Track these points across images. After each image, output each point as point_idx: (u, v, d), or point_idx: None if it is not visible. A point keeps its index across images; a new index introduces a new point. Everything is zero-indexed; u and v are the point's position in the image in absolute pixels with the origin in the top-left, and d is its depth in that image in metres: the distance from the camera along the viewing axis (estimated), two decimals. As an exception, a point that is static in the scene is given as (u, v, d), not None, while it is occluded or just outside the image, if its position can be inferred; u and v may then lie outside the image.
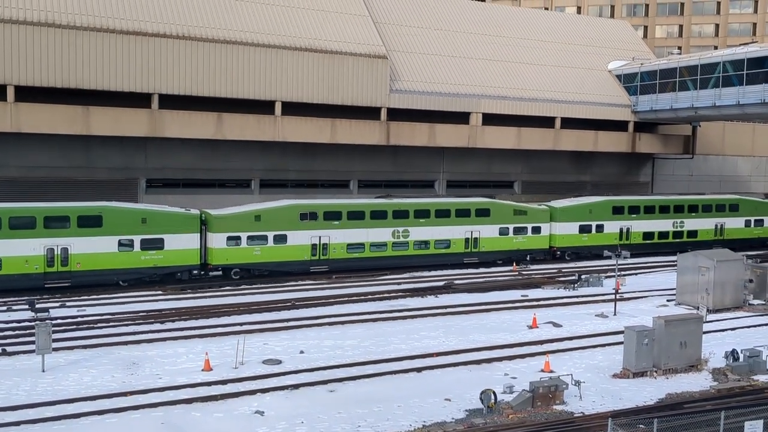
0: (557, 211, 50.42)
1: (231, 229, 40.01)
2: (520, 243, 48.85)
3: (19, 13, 39.32)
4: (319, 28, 48.85)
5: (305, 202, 42.50)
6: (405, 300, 37.49)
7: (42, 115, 39.69)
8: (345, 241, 43.11)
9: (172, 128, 43.18)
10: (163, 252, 38.50)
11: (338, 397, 22.72)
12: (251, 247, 40.53)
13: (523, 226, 48.88)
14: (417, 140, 51.21)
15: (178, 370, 24.86)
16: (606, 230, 52.05)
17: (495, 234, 47.92)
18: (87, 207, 37.31)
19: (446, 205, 46.39)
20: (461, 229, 46.63)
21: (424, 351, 28.02)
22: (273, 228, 41.07)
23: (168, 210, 39.12)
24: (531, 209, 49.49)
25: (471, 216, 47.04)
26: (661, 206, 54.51)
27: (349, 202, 44.10)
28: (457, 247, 46.63)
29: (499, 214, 48.10)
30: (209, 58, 43.79)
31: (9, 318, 31.58)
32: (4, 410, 20.74)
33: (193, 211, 39.89)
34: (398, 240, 44.62)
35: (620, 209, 52.76)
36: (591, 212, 51.34)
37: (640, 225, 53.44)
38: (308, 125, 47.16)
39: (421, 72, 52.74)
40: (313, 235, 42.16)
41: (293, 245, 41.63)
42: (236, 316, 32.90)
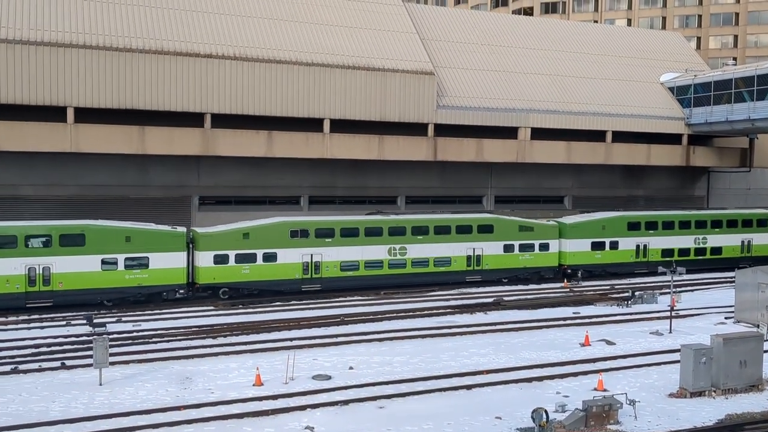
0: (567, 227, 48.25)
1: (218, 247, 39.17)
2: (527, 261, 46.93)
3: (78, 38, 40.81)
4: (366, 46, 49.36)
5: (296, 219, 41.54)
6: (453, 316, 37.25)
7: (99, 135, 40.98)
8: (338, 259, 41.81)
9: (224, 147, 44.05)
10: (148, 271, 37.77)
11: (388, 414, 22.65)
12: (239, 266, 39.61)
13: (529, 242, 46.89)
14: (464, 156, 51.05)
15: (229, 385, 25.18)
16: (621, 247, 49.53)
17: (499, 251, 46.09)
18: (69, 225, 36.81)
19: (446, 221, 44.84)
20: (462, 246, 44.98)
21: (473, 368, 27.75)
22: (262, 246, 40.07)
23: (153, 228, 38.44)
24: (538, 225, 47.49)
25: (473, 232, 45.30)
26: (681, 221, 51.71)
27: (342, 218, 42.93)
28: (458, 265, 44.99)
29: (504, 230, 46.24)
30: (260, 78, 44.63)
31: (68, 332, 32.51)
32: (63, 423, 21.31)
33: (179, 229, 39.16)
34: (395, 258, 43.09)
35: (636, 225, 50.18)
36: (604, 228, 48.91)
37: (659, 242, 50.71)
38: (356, 142, 47.53)
39: (468, 87, 52.68)
40: (305, 253, 41.00)
41: (284, 263, 40.54)
42: (286, 332, 33.19)
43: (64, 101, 40.22)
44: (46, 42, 39.85)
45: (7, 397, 23.50)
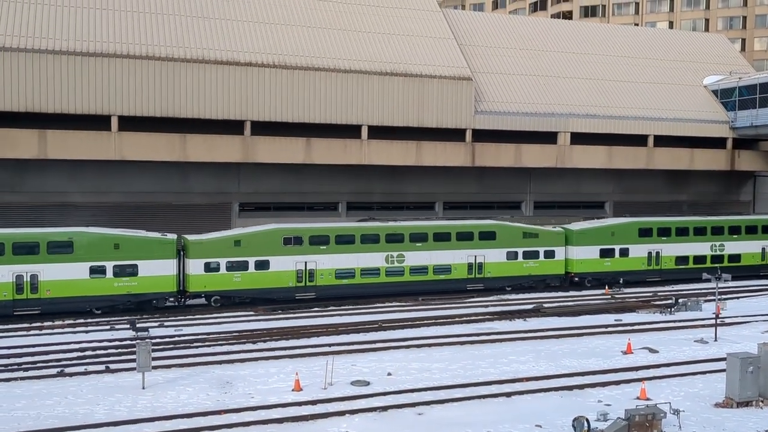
0: (574, 233, 46.66)
1: (208, 254, 38.55)
2: (531, 268, 45.46)
3: (122, 48, 41.77)
4: (404, 53, 49.47)
5: (289, 226, 40.70)
6: (492, 323, 36.98)
7: (143, 143, 41.85)
8: (333, 266, 40.82)
9: (264, 154, 44.58)
10: (137, 278, 37.31)
11: (426, 421, 22.57)
12: (231, 274, 38.94)
13: (534, 250, 45.43)
14: (503, 161, 50.76)
15: (269, 390, 25.38)
16: (632, 254, 47.75)
17: (502, 258, 44.72)
18: (57, 233, 36.44)
19: (446, 228, 43.63)
20: (463, 253, 43.71)
21: (513, 375, 27.48)
22: (254, 253, 39.30)
23: (142, 235, 38.00)
24: (543, 232, 45.95)
25: (474, 239, 43.99)
26: (696, 228, 49.79)
27: (336, 225, 42.12)
28: (459, 273, 43.77)
29: (507, 236, 44.86)
30: (299, 85, 45.07)
31: (112, 337, 33.19)
32: (108, 425, 21.73)
33: (169, 236, 38.53)
34: (392, 265, 41.97)
35: (648, 231, 48.34)
36: (613, 235, 47.18)
37: (672, 248, 48.87)
38: (394, 148, 47.63)
39: (506, 92, 52.40)
40: (299, 261, 40.12)
41: (276, 271, 39.73)
42: (324, 337, 33.35)
43: (109, 110, 41.19)
44: (92, 52, 40.88)
45: (54, 400, 24.07)
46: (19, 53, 39.35)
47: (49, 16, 41.99)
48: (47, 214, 43.15)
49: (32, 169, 42.95)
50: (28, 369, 27.55)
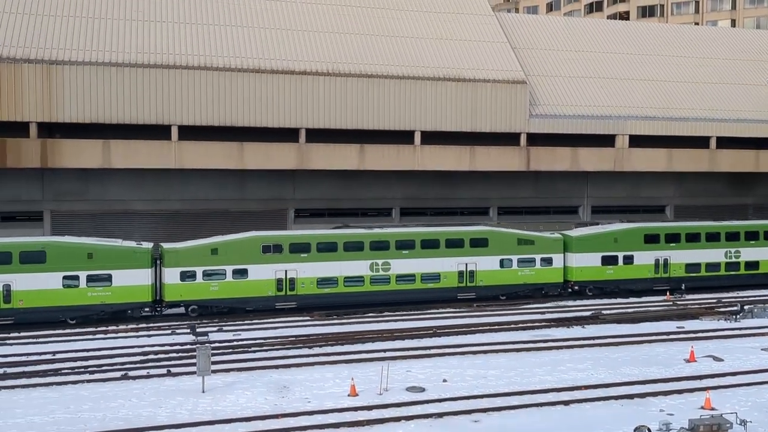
0: (573, 240, 44.47)
1: (185, 263, 37.75)
2: (527, 276, 43.52)
3: (180, 59, 42.90)
4: (457, 57, 49.33)
5: (268, 234, 39.71)
6: (549, 330, 36.44)
7: (201, 151, 42.84)
8: (315, 275, 39.62)
9: (318, 160, 45.07)
10: (111, 288, 36.71)
11: (483, 428, 22.38)
12: (208, 283, 38.06)
13: (530, 257, 43.47)
14: (558, 165, 50.04)
15: (325, 395, 25.59)
16: (637, 262, 45.32)
17: (495, 266, 42.86)
18: (29, 243, 36.06)
19: (434, 234, 42.00)
20: (453, 261, 42.02)
21: (571, 383, 27.02)
22: (232, 262, 38.33)
23: (116, 245, 37.47)
24: (540, 238, 43.89)
25: (465, 246, 42.23)
26: (708, 233, 47.11)
27: (318, 233, 40.94)
28: (449, 282, 42.09)
29: (500, 243, 42.95)
30: (353, 92, 45.43)
31: (173, 341, 33.99)
32: (170, 428, 22.27)
33: (144, 245, 38.01)
34: (377, 274, 40.56)
35: (654, 238, 45.87)
36: (617, 241, 44.86)
37: (682, 255, 46.31)
38: (447, 153, 47.50)
39: (562, 95, 51.68)
40: (278, 269, 39.07)
41: (255, 280, 38.73)
42: (380, 342, 33.43)
43: (169, 120, 42.31)
44: (153, 64, 42.10)
45: (118, 402, 24.79)
46: (84, 66, 40.82)
47: (112, 30, 43.45)
48: (110, 222, 44.58)
49: (96, 177, 44.44)
50: (94, 372, 28.46)
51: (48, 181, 43.89)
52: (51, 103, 40.40)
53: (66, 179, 43.98)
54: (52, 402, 24.72)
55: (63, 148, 40.73)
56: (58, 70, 40.42)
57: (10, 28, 41.61)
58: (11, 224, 43.41)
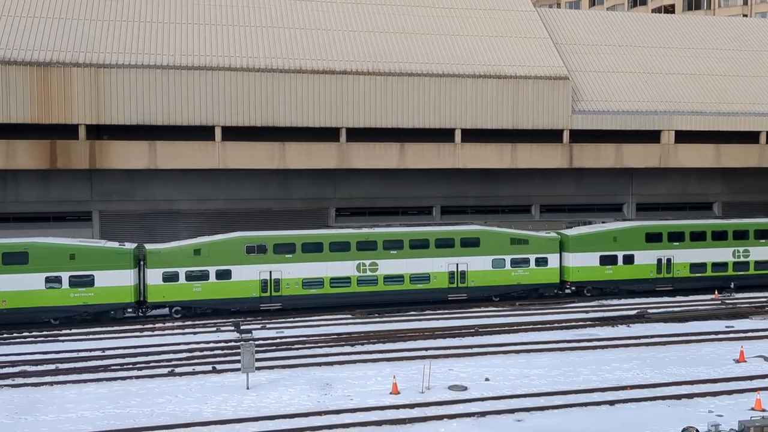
0: (570, 239, 43.33)
1: (167, 264, 37.77)
2: (520, 277, 42.56)
3: (223, 61, 43.54)
4: (498, 54, 49.00)
5: (253, 234, 39.45)
6: (594, 329, 35.98)
7: (245, 152, 43.41)
8: (300, 276, 39.36)
9: (359, 159, 45.26)
10: (94, 289, 36.78)
11: (526, 427, 22.23)
12: (191, 284, 38.00)
13: (523, 257, 42.54)
14: (602, 162, 49.29)
15: (367, 392, 25.73)
16: (638, 261, 44.02)
17: (487, 266, 41.95)
18: (12, 244, 36.07)
19: (423, 234, 41.24)
20: (443, 261, 41.28)
21: (616, 383, 26.65)
22: (215, 263, 38.25)
23: (99, 245, 37.48)
24: (534, 238, 42.94)
25: (456, 246, 41.46)
26: (714, 232, 45.47)
27: (303, 233, 40.29)
28: (439, 282, 41.34)
29: (492, 243, 42.07)
30: (392, 91, 45.48)
31: (218, 338, 34.59)
32: (215, 424, 22.67)
33: (127, 246, 38.02)
34: (365, 274, 40.11)
35: (657, 236, 44.44)
36: (616, 240, 43.59)
37: (686, 255, 44.81)
38: (488, 151, 47.21)
39: (605, 91, 50.90)
40: (263, 270, 38.87)
41: (239, 281, 38.59)
42: (421, 341, 33.46)
43: (213, 121, 42.98)
44: (196, 66, 42.83)
45: (165, 398, 25.33)
46: (130, 69, 41.73)
47: (157, 33, 44.32)
48: (156, 222, 45.52)
49: (142, 178, 45.40)
50: (142, 368, 29.12)
51: (96, 182, 45.03)
52: (99, 106, 41.42)
53: (113, 180, 45.06)
54: (102, 397, 25.39)
55: (111, 149, 41.74)
56: (106, 73, 41.42)
57: (59, 33, 42.78)
58: (62, 224, 44.65)
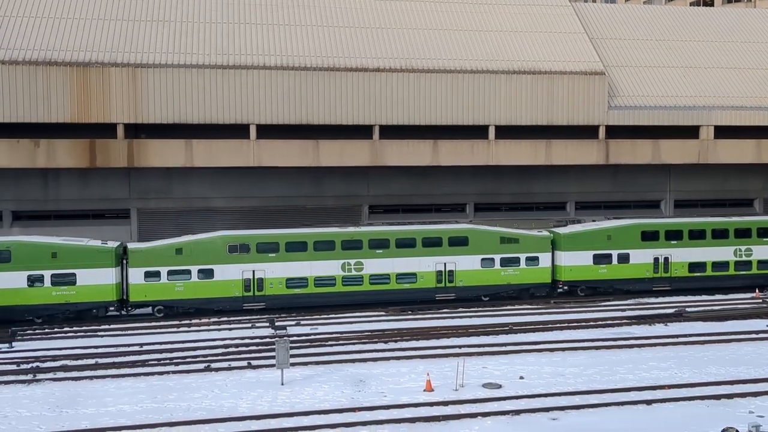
0: (562, 238, 42.33)
1: (149, 263, 37.62)
2: (510, 276, 41.57)
3: (257, 60, 43.91)
4: (532, 50, 48.56)
5: (235, 234, 39.27)
6: (630, 328, 35.49)
7: (279, 150, 43.75)
8: (283, 275, 38.89)
9: (392, 157, 45.28)
10: (76, 287, 36.75)
11: (561, 426, 22.05)
12: (172, 283, 37.80)
13: (514, 256, 41.58)
14: (639, 158, 48.55)
15: (401, 389, 25.76)
16: (633, 260, 42.78)
17: (476, 266, 41.12)
18: None
19: (410, 233, 40.60)
20: (431, 260, 40.54)
21: (653, 382, 26.28)
22: (197, 262, 37.99)
23: (81, 244, 37.44)
24: (525, 236, 41.98)
25: (443, 245, 40.70)
26: (715, 230, 44.01)
27: (286, 232, 39.87)
28: (426, 282, 40.60)
29: (481, 242, 41.18)
30: (426, 88, 45.38)
31: (253, 334, 34.93)
32: (250, 419, 22.93)
33: (109, 245, 37.94)
34: (350, 274, 39.53)
35: (653, 235, 43.15)
36: (610, 239, 42.47)
37: (684, 254, 43.43)
38: (522, 148, 46.84)
39: (642, 86, 50.09)
40: (245, 269, 38.52)
41: (221, 280, 38.28)
42: (455, 339, 33.37)
43: (248, 119, 43.40)
44: (232, 65, 43.29)
45: (202, 393, 25.70)
46: (167, 69, 42.34)
47: (193, 32, 44.87)
48: (192, 219, 46.12)
49: (179, 176, 46.04)
50: (179, 363, 29.58)
51: (134, 180, 45.81)
52: (137, 105, 42.11)
53: (151, 178, 45.78)
54: (140, 392, 25.86)
55: (148, 148, 42.41)
56: (144, 72, 42.10)
57: (98, 34, 43.58)
58: (101, 222, 45.54)
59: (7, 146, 40.80)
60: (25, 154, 40.99)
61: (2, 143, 40.76)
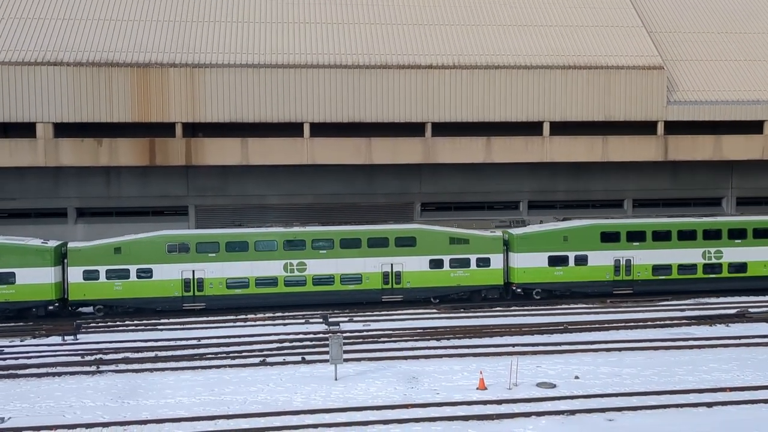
0: (515, 238, 40.95)
1: (88, 262, 37.70)
2: (461, 278, 40.39)
3: (311, 59, 44.35)
4: (588, 44, 47.70)
5: (174, 233, 39.19)
6: (690, 328, 34.60)
7: (332, 148, 44.12)
8: (224, 276, 38.63)
9: (444, 154, 45.13)
10: (15, 287, 36.96)
11: (618, 427, 21.68)
12: (111, 282, 37.80)
13: (464, 257, 40.37)
14: (699, 154, 47.18)
15: (454, 387, 25.72)
16: (592, 263, 41.07)
17: (424, 267, 40.10)
18: None
19: (355, 233, 39.91)
20: (377, 261, 39.74)
21: (714, 384, 25.58)
22: (136, 261, 37.94)
23: (20, 243, 37.59)
24: (475, 237, 40.73)
25: (390, 246, 39.85)
26: (681, 231, 41.89)
27: (227, 232, 39.55)
28: (372, 283, 39.80)
29: (429, 243, 40.16)
30: (479, 84, 45.05)
31: (307, 330, 35.39)
32: (304, 413, 23.26)
33: (49, 244, 38.02)
34: (292, 275, 39.08)
35: (614, 236, 41.32)
36: (566, 240, 40.84)
37: (648, 256, 41.46)
38: (577, 144, 46.07)
39: (703, 80, 48.65)
40: (185, 269, 38.37)
41: (160, 280, 38.16)
42: (508, 337, 33.11)
43: (301, 117, 43.90)
44: (286, 64, 43.82)
45: (257, 387, 26.17)
46: (224, 69, 43.16)
47: (248, 32, 45.61)
48: (248, 215, 46.94)
49: (235, 174, 46.90)
50: (235, 357, 30.18)
51: (192, 178, 46.88)
52: (194, 105, 43.07)
53: (208, 176, 46.78)
54: (198, 384, 26.50)
55: (205, 146, 43.34)
56: (201, 72, 43.01)
57: (157, 35, 44.73)
58: (161, 218, 46.75)
59: (72, 145, 42.28)
60: (88, 153, 42.40)
61: (67, 142, 42.26)
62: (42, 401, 24.85)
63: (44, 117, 41.95)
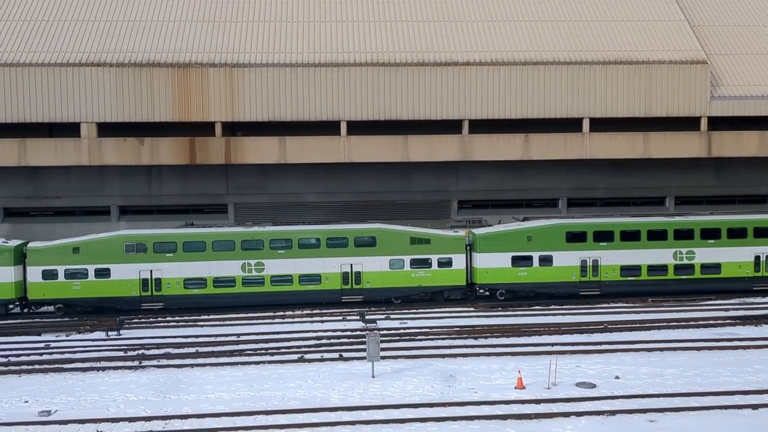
0: (478, 238, 40.19)
1: (47, 262, 38.01)
2: (422, 279, 39.88)
3: (348, 57, 44.51)
4: (629, 39, 46.93)
5: (132, 233, 39.23)
6: (734, 328, 33.83)
7: (368, 146, 44.23)
8: (181, 275, 38.67)
9: (481, 151, 44.89)
10: None
11: (659, 429, 21.31)
12: (70, 282, 38.06)
13: (425, 257, 39.85)
14: (744, 150, 46.06)
15: (491, 386, 25.57)
16: (557, 263, 40.15)
17: (384, 267, 39.68)
18: None
19: (313, 233, 39.67)
20: (336, 261, 39.46)
21: (759, 386, 24.96)
22: (94, 261, 38.14)
23: None
24: (437, 237, 40.15)
25: (349, 246, 39.52)
26: (651, 231, 40.61)
27: (184, 231, 39.50)
28: (331, 284, 39.53)
29: (389, 243, 39.72)
30: (516, 81, 44.71)
31: (344, 327, 35.55)
32: (342, 410, 23.36)
33: (9, 243, 38.30)
34: (250, 275, 38.95)
35: (580, 236, 40.33)
36: (530, 240, 39.98)
37: (616, 256, 40.39)
38: (618, 140, 45.37)
39: (749, 74, 47.47)
40: (143, 269, 38.45)
41: (118, 279, 38.31)
42: (546, 336, 32.80)
43: (338, 116, 44.11)
44: (322, 63, 44.07)
45: (296, 383, 26.39)
46: (262, 68, 43.59)
47: (286, 32, 45.98)
48: (286, 213, 47.37)
49: (273, 172, 47.33)
50: (274, 354, 30.49)
51: (231, 176, 47.46)
52: (233, 104, 43.60)
53: (247, 174, 47.30)
54: (237, 380, 26.83)
55: (244, 145, 43.84)
56: (240, 72, 43.51)
57: (197, 35, 45.37)
58: (201, 216, 47.46)
59: (114, 145, 43.18)
60: (131, 152, 43.25)
61: (110, 142, 43.17)
62: (87, 395, 25.44)
63: (88, 117, 42.94)
